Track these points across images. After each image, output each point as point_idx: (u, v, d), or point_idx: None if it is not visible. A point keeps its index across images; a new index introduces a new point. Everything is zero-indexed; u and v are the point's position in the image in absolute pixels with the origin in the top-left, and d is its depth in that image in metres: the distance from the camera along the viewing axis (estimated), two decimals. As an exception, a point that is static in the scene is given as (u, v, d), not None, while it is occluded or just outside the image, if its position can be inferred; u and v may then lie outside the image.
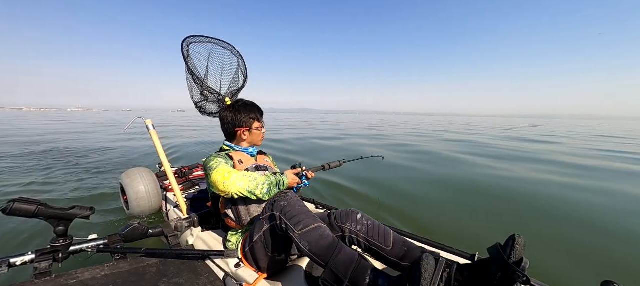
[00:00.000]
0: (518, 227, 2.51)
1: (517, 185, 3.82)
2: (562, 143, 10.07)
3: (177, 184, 1.72)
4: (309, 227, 0.94)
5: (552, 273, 1.79)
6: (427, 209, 2.91)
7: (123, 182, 2.18)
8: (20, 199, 0.95)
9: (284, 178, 1.27)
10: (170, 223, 1.47)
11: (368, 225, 1.10)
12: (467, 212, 2.83)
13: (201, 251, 1.21)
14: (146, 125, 1.66)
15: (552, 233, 2.37)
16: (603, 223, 2.54)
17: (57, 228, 1.05)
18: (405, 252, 1.01)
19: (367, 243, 1.08)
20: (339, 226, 1.14)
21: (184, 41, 1.57)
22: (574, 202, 3.13)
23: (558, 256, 2.01)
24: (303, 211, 1.00)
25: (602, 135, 14.35)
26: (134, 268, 1.09)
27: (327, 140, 9.70)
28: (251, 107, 1.40)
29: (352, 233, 1.10)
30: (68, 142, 7.63)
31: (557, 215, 2.72)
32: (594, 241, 2.21)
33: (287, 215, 0.99)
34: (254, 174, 1.20)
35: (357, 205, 2.63)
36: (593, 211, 2.84)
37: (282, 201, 1.05)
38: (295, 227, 0.95)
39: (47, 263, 1.02)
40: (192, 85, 1.64)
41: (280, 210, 1.02)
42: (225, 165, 1.19)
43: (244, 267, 1.10)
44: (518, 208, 2.94)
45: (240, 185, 1.13)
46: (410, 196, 3.31)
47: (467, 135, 12.58)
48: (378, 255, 1.07)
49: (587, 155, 6.79)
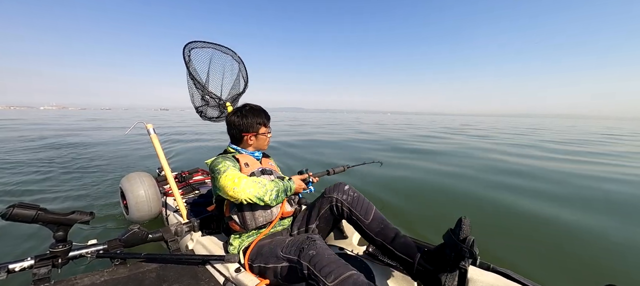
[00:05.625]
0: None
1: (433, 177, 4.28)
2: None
3: (177, 188, 1.72)
4: (341, 276, 0.89)
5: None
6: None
7: (123, 187, 2.17)
8: (19, 204, 0.95)
9: (291, 184, 1.26)
10: (170, 227, 1.46)
11: (353, 196, 1.24)
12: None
13: (201, 256, 1.20)
14: (147, 129, 1.67)
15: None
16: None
17: (57, 234, 1.04)
18: (381, 229, 1.15)
19: (349, 212, 1.21)
20: (328, 196, 1.27)
21: (185, 46, 1.59)
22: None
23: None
24: (333, 260, 0.95)
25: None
26: (133, 273, 1.08)
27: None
28: (258, 111, 1.39)
29: (338, 201, 1.23)
30: (66, 144, 7.62)
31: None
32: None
33: (316, 266, 0.93)
34: (263, 180, 1.18)
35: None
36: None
37: (311, 250, 0.98)
38: (327, 279, 0.90)
39: (46, 269, 1.01)
40: (193, 89, 1.65)
41: (308, 260, 0.96)
42: (233, 169, 1.18)
43: (245, 272, 1.09)
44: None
45: (250, 192, 1.12)
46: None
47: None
48: (357, 226, 1.21)
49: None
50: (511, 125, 27.37)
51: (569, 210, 3.02)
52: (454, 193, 3.63)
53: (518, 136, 13.51)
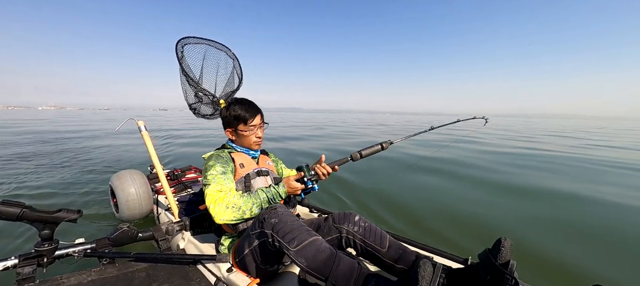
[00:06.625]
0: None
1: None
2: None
3: (168, 187, 1.69)
4: (304, 242, 0.90)
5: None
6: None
7: (113, 184, 2.13)
8: (2, 201, 0.91)
9: (278, 190, 1.16)
10: (161, 226, 1.44)
11: (365, 226, 1.13)
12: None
13: (192, 256, 1.18)
14: (138, 126, 1.64)
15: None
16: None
17: (42, 232, 1.01)
18: (400, 255, 1.04)
19: (363, 244, 1.10)
20: (337, 227, 1.16)
21: (178, 42, 1.56)
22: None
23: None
24: (296, 226, 0.95)
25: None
26: (122, 273, 1.06)
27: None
28: (241, 105, 1.28)
29: (349, 233, 1.13)
30: (54, 141, 7.44)
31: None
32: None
33: (279, 233, 0.93)
34: (238, 202, 1.09)
35: (355, 208, 2.63)
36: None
37: (272, 218, 0.97)
38: (290, 244, 0.90)
39: (30, 268, 0.98)
40: (186, 86, 1.62)
41: (271, 228, 0.95)
42: (220, 179, 1.13)
43: (236, 272, 1.08)
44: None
45: (224, 219, 1.07)
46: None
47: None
48: (374, 257, 1.08)
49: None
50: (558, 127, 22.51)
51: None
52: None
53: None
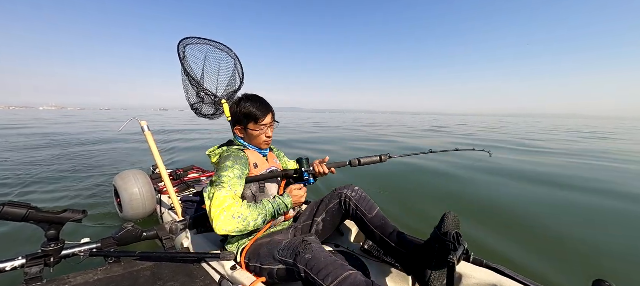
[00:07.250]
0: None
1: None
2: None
3: (172, 186, 1.70)
4: (338, 278, 0.89)
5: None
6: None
7: (116, 185, 2.14)
8: (9, 203, 0.92)
9: (284, 201, 1.16)
10: (165, 225, 1.44)
11: (361, 195, 1.32)
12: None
13: (196, 254, 1.19)
14: (141, 126, 1.64)
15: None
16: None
17: (49, 233, 1.02)
18: (382, 224, 1.23)
19: (355, 208, 1.28)
20: (338, 193, 1.34)
21: (180, 43, 1.56)
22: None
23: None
24: (330, 261, 0.94)
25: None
26: (128, 272, 1.07)
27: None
28: (253, 103, 1.24)
29: (347, 197, 1.31)
30: (58, 143, 7.49)
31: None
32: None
33: (313, 269, 0.92)
34: (245, 212, 1.05)
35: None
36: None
37: (307, 254, 0.97)
38: (325, 281, 0.89)
39: (38, 268, 0.99)
40: (188, 86, 1.63)
41: (304, 263, 0.95)
42: (236, 184, 1.09)
43: (241, 270, 1.09)
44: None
45: (227, 229, 1.01)
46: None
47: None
48: (361, 221, 1.27)
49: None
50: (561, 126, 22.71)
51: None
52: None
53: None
